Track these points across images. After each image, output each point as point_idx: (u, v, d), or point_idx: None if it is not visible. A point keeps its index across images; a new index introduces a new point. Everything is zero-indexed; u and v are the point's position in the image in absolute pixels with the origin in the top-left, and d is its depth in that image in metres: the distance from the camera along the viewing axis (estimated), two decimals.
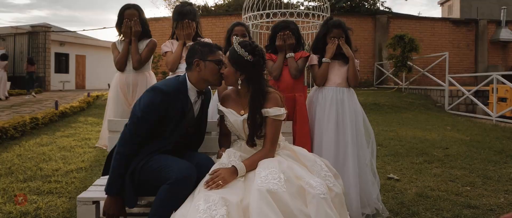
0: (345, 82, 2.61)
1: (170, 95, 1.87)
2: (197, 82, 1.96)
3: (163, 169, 1.76)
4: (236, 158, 1.86)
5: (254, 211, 1.52)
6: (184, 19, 2.57)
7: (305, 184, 1.69)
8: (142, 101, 1.86)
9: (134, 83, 2.69)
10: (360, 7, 15.50)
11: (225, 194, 1.61)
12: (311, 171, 1.85)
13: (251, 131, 1.91)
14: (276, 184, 1.63)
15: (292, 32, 2.57)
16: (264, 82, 1.97)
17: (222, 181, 1.68)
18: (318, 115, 2.58)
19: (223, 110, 2.03)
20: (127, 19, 2.62)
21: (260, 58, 1.94)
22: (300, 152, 2.00)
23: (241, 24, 2.74)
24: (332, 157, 2.44)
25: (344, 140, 2.50)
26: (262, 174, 1.69)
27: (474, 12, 19.41)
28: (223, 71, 1.95)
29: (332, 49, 2.54)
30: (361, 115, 2.62)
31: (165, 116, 1.86)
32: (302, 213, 1.58)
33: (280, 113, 1.92)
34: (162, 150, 1.88)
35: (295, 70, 2.57)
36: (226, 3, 17.74)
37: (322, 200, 1.62)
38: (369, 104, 9.05)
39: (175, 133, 1.91)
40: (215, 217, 1.48)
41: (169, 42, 2.71)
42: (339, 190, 1.81)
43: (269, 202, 1.54)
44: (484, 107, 8.46)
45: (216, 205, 1.53)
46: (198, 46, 2.00)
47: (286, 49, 2.58)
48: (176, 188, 1.70)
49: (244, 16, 8.64)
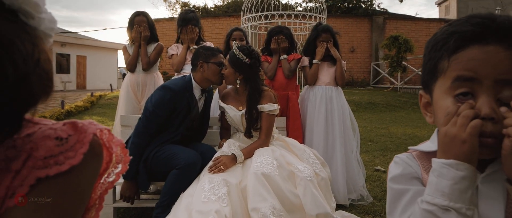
0: (334, 82, 2.89)
1: (178, 92, 2.14)
2: (201, 81, 2.24)
3: (172, 156, 2.04)
4: (235, 147, 2.13)
5: (251, 191, 1.80)
6: (187, 25, 2.85)
7: (294, 169, 1.97)
8: (153, 98, 2.13)
9: (144, 83, 2.97)
10: (357, 8, 15.78)
11: (226, 176, 1.88)
12: (300, 159, 2.13)
13: (248, 124, 2.19)
14: (270, 168, 1.90)
15: (286, 36, 2.86)
16: (259, 82, 2.25)
17: (224, 166, 1.96)
18: (309, 111, 2.86)
19: (223, 106, 2.31)
20: (137, 25, 2.90)
21: (256, 61, 2.22)
22: (291, 142, 2.28)
23: (239, 29, 3.02)
24: (322, 148, 2.72)
25: (332, 133, 2.78)
26: (257, 160, 1.97)
27: (471, 12, 19.71)
28: (224, 72, 2.23)
29: (321, 51, 2.83)
30: (348, 111, 2.90)
31: (173, 111, 2.13)
32: (291, 193, 1.86)
33: (273, 109, 2.20)
34: (171, 141, 2.15)
35: (288, 71, 2.85)
36: (225, 4, 18.00)
37: (309, 182, 1.90)
38: (365, 103, 9.33)
39: (182, 126, 2.19)
40: (217, 195, 1.75)
41: (175, 45, 2.99)
42: (325, 175, 2.09)
43: (264, 183, 1.81)
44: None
45: (218, 185, 1.80)
46: (202, 50, 2.28)
47: (280, 51, 2.87)
48: (184, 173, 1.98)
49: (243, 17, 8.86)
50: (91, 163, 0.46)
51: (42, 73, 0.41)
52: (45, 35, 0.42)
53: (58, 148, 0.43)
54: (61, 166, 0.42)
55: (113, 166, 0.53)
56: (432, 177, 0.55)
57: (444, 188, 0.53)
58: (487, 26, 0.55)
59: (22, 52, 0.39)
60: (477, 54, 0.55)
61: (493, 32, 0.55)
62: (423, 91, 0.67)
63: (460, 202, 0.52)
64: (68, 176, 0.43)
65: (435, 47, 0.60)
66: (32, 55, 0.40)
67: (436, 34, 0.62)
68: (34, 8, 0.41)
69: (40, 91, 0.41)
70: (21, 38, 0.39)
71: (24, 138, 0.43)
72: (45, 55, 0.42)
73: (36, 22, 0.42)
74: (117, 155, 0.53)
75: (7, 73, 0.37)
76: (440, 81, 0.60)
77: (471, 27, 0.56)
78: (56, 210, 0.42)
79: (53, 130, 0.44)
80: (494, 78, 0.54)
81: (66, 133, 0.45)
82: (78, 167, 0.43)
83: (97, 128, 0.49)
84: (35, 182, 0.41)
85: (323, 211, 1.80)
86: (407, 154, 0.68)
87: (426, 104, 0.66)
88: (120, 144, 0.54)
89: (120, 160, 0.54)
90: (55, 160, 0.42)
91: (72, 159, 0.43)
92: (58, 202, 0.42)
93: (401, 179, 0.64)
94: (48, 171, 0.42)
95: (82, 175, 0.45)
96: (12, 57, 0.38)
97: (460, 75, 0.56)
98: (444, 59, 0.59)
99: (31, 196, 0.41)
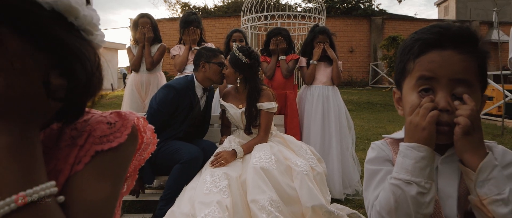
0: (330, 81, 3.01)
1: (180, 91, 2.26)
2: (202, 80, 2.35)
3: (176, 152, 2.15)
4: (235, 143, 2.24)
5: (250, 184, 1.91)
6: (190, 27, 2.97)
7: (291, 164, 2.08)
8: (158, 96, 2.25)
9: (147, 82, 3.08)
10: (356, 9, 15.89)
11: (227, 170, 1.99)
12: (297, 154, 2.24)
13: (247, 121, 2.31)
14: (268, 163, 2.01)
15: (284, 38, 2.98)
16: (258, 81, 2.37)
17: (224, 161, 2.07)
18: (307, 109, 2.98)
19: (224, 105, 2.42)
20: (141, 26, 3.01)
21: (255, 61, 2.33)
22: (288, 139, 2.40)
23: (239, 31, 3.14)
24: (319, 145, 2.83)
25: (329, 131, 2.90)
26: (256, 155, 2.08)
27: (469, 12, 19.81)
28: (225, 72, 2.35)
29: (318, 52, 2.94)
30: (344, 110, 3.02)
31: (176, 108, 2.25)
32: (288, 186, 1.97)
33: (272, 107, 2.31)
34: (175, 137, 2.27)
35: (286, 71, 2.97)
36: (225, 5, 18.11)
37: (305, 175, 2.01)
38: (363, 102, 9.44)
39: (185, 123, 2.30)
40: (219, 187, 1.86)
41: (177, 46, 3.11)
42: (320, 170, 2.20)
43: (262, 177, 1.92)
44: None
45: (219, 178, 1.91)
46: (204, 50, 2.40)
47: (278, 52, 2.99)
48: (187, 167, 2.09)
49: (243, 18, 8.95)
50: (131, 142, 0.61)
51: (99, 75, 0.56)
52: (97, 46, 0.57)
53: (109, 130, 0.58)
54: (112, 143, 0.57)
55: (145, 147, 0.68)
56: (399, 157, 0.67)
57: (407, 166, 0.65)
58: (444, 34, 0.67)
59: (90, 61, 0.53)
60: (436, 57, 0.67)
61: (449, 39, 0.67)
62: (395, 88, 0.79)
63: (420, 177, 0.63)
64: (116, 150, 0.58)
65: (404, 51, 0.72)
66: (94, 63, 0.55)
67: (406, 40, 0.74)
68: (93, 28, 0.55)
69: (97, 88, 0.56)
70: (88, 50, 0.54)
71: (82, 123, 0.59)
72: (100, 61, 0.56)
73: (93, 38, 0.56)
74: (147, 138, 0.68)
75: (80, 77, 0.52)
76: (407, 79, 0.72)
77: (431, 35, 0.68)
78: (108, 174, 0.57)
79: (104, 117, 0.60)
80: (449, 77, 0.66)
81: (114, 119, 0.60)
82: (123, 144, 0.58)
83: (135, 116, 0.64)
84: (94, 153, 0.56)
85: (318, 203, 1.90)
86: (381, 141, 0.80)
87: (398, 99, 0.78)
88: (151, 129, 0.69)
89: (150, 142, 0.69)
90: (107, 139, 0.57)
91: (120, 138, 0.58)
92: (109, 168, 0.57)
93: (375, 161, 0.75)
94: (103, 146, 0.57)
95: (126, 150, 0.60)
96: (84, 65, 0.52)
97: (422, 74, 0.68)
98: (410, 62, 0.71)
99: (92, 163, 0.56)
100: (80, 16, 0.52)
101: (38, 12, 0.47)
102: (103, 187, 0.55)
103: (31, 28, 0.47)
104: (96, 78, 0.56)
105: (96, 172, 0.55)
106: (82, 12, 0.52)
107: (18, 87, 0.46)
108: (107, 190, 0.56)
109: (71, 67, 0.51)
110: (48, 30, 0.48)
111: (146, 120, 0.68)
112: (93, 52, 0.55)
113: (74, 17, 0.51)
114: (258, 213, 1.76)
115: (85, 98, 0.55)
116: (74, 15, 0.51)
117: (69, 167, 0.55)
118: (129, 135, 0.59)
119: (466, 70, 0.66)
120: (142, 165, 0.69)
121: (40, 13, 0.47)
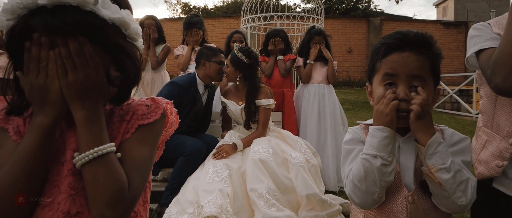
0: (326, 80, 3.17)
1: (184, 87, 2.41)
2: (203, 77, 2.51)
3: (180, 145, 2.31)
4: (236, 137, 2.40)
5: (249, 174, 2.06)
6: (192, 28, 3.13)
7: (288, 156, 2.23)
8: (162, 92, 2.40)
9: (153, 81, 3.24)
10: (355, 10, 16.05)
11: (228, 162, 2.15)
12: (293, 148, 2.40)
13: (247, 117, 2.47)
14: (266, 155, 2.17)
15: (282, 39, 3.14)
16: (257, 79, 2.53)
17: (225, 153, 2.23)
18: (303, 107, 3.14)
19: (225, 102, 2.58)
20: (146, 27, 3.17)
21: (254, 61, 2.49)
22: (285, 133, 2.55)
23: (239, 32, 3.30)
24: (315, 140, 2.99)
25: (324, 127, 3.06)
26: (255, 148, 2.24)
27: (467, 13, 20.00)
28: (225, 71, 2.51)
29: (315, 52, 3.10)
30: (338, 107, 3.18)
31: (180, 104, 2.40)
32: (285, 176, 2.12)
33: (270, 103, 2.47)
34: (179, 131, 2.39)
35: (284, 70, 3.13)
36: (225, 5, 18.26)
37: (300, 167, 2.16)
38: (361, 102, 9.58)
39: (188, 117, 2.46)
40: (220, 177, 2.02)
41: (181, 46, 3.28)
42: (315, 163, 2.35)
43: (260, 168, 2.08)
44: (466, 105, 9.02)
45: (221, 169, 2.07)
46: (205, 49, 2.56)
47: (276, 52, 3.15)
48: (190, 159, 2.25)
49: (242, 18, 9.08)
50: (162, 120, 0.81)
51: (140, 69, 0.76)
52: (138, 48, 0.76)
53: (147, 110, 0.79)
54: (150, 119, 0.77)
55: (170, 125, 0.88)
56: (368, 137, 0.84)
57: (374, 144, 0.81)
58: (403, 39, 0.84)
59: (137, 58, 0.75)
60: (397, 58, 0.84)
61: (407, 43, 0.83)
62: (368, 83, 0.95)
63: (384, 152, 0.80)
64: (153, 125, 0.78)
65: (374, 52, 0.89)
66: (139, 60, 0.74)
67: (376, 44, 0.90)
68: (137, 36, 0.75)
69: (139, 79, 0.77)
70: (134, 51, 0.75)
71: (127, 105, 0.80)
72: (141, 60, 0.76)
73: (137, 43, 0.75)
74: (172, 118, 0.88)
75: (131, 71, 0.73)
76: (376, 76, 0.89)
77: (394, 40, 0.85)
78: (147, 141, 0.77)
79: (143, 101, 0.80)
80: (407, 74, 0.83)
81: (150, 103, 0.80)
82: (157, 121, 0.78)
83: (165, 101, 0.84)
84: (138, 126, 0.76)
85: (312, 192, 2.05)
86: (357, 127, 0.96)
87: (370, 92, 0.94)
88: (175, 112, 0.89)
89: (173, 121, 0.89)
90: (146, 116, 0.78)
91: (155, 116, 0.78)
92: (148, 137, 0.77)
93: (350, 142, 0.92)
94: (144, 121, 0.77)
95: (159, 125, 0.80)
96: (134, 62, 0.74)
97: (386, 72, 0.85)
98: (378, 61, 0.87)
99: (136, 133, 0.76)
100: (130, 28, 0.72)
101: (105, 26, 0.67)
102: (144, 150, 0.75)
103: (101, 37, 0.67)
104: (139, 72, 0.76)
105: (139, 139, 0.75)
106: (132, 25, 0.72)
107: (91, 78, 0.66)
108: (147, 152, 0.75)
109: (124, 64, 0.72)
110: (112, 38, 0.69)
111: (172, 104, 0.87)
112: (138, 52, 0.76)
113: (125, 29, 0.71)
114: (257, 200, 1.91)
115: (132, 86, 0.77)
116: (126, 28, 0.71)
117: (120, 136, 0.75)
118: (161, 114, 0.79)
119: (420, 68, 0.83)
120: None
121: (107, 27, 0.67)
